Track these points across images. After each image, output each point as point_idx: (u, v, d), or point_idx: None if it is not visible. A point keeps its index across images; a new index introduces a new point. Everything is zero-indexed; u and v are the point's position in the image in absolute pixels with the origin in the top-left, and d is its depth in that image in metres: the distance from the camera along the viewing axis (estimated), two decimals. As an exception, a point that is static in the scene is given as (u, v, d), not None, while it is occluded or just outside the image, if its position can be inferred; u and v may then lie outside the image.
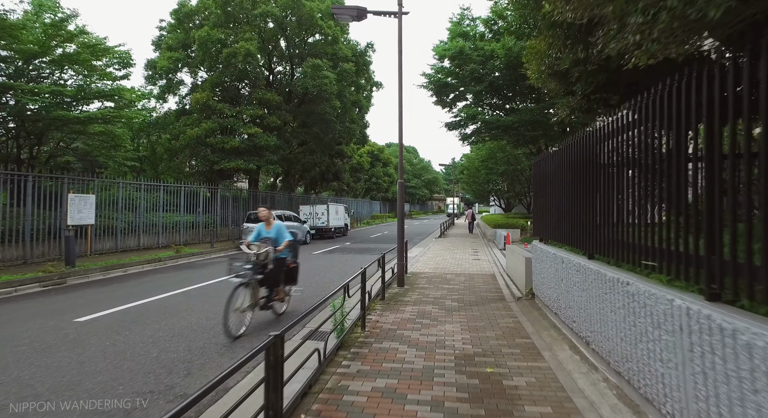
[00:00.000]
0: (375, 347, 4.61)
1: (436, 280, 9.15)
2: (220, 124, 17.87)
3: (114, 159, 14.71)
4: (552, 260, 5.30)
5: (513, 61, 16.75)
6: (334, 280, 9.49)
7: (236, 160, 18.37)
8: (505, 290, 7.97)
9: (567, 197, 5.05)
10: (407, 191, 66.75)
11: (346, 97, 20.90)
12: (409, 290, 7.92)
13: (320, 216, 22.77)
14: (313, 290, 8.35)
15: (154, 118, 20.29)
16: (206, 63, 17.89)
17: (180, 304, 7.05)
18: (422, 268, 11.17)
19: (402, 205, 8.28)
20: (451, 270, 10.70)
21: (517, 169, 28.80)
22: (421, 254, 14.67)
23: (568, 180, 5.04)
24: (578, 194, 4.67)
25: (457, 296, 7.41)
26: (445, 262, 12.40)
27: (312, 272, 10.67)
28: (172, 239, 16.43)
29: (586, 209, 4.43)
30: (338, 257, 14.17)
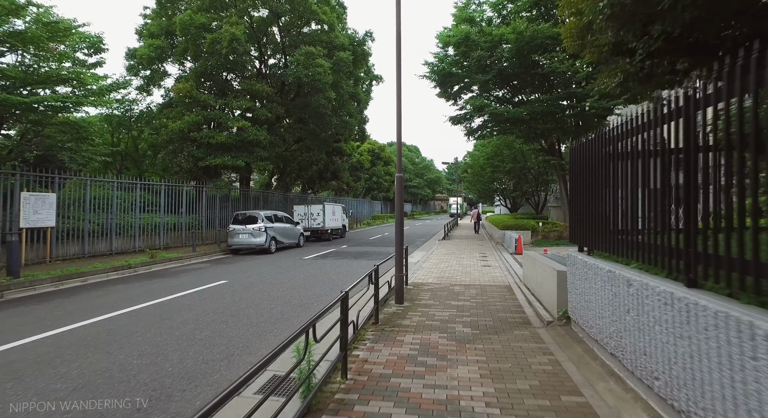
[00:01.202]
0: (357, 412, 3.15)
1: (441, 294, 7.68)
2: (205, 117, 16.45)
3: (82, 154, 13.28)
4: (606, 281, 3.82)
5: (524, 47, 15.28)
6: (320, 294, 8.02)
7: (223, 156, 16.93)
8: (528, 308, 6.49)
9: (639, 193, 3.58)
10: (409, 191, 65.22)
11: (343, 88, 19.43)
12: (410, 309, 6.45)
13: (315, 217, 21.33)
14: (291, 309, 6.89)
15: (137, 112, 18.87)
16: (190, 51, 16.46)
17: (119, 329, 5.60)
18: (425, 277, 9.69)
19: (401, 205, 6.81)
20: (459, 280, 9.22)
21: (524, 167, 27.30)
22: (424, 258, 13.20)
23: (639, 169, 3.56)
24: (665, 188, 3.20)
25: (470, 317, 5.94)
26: (451, 269, 10.92)
27: (297, 283, 9.21)
28: (150, 242, 15.02)
29: (684, 208, 2.95)
30: (331, 263, 12.71)
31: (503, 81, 17.41)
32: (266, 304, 7.12)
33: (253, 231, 15.49)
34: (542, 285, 6.50)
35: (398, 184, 6.81)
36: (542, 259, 6.97)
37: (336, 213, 23.18)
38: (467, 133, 19.40)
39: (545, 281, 6.18)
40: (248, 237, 15.50)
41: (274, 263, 12.95)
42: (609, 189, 4.19)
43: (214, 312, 6.50)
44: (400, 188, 6.81)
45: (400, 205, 6.84)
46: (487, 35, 16.01)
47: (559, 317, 5.36)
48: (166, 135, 16.40)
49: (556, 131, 17.32)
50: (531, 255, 7.96)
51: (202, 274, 10.72)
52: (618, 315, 3.56)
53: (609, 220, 4.18)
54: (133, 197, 14.44)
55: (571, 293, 4.97)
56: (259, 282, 9.32)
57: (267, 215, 16.17)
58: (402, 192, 6.83)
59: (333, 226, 22.49)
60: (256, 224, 15.67)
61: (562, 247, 16.03)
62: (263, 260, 13.85)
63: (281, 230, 16.74)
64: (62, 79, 10.64)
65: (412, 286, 8.52)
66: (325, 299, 7.48)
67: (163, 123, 16.37)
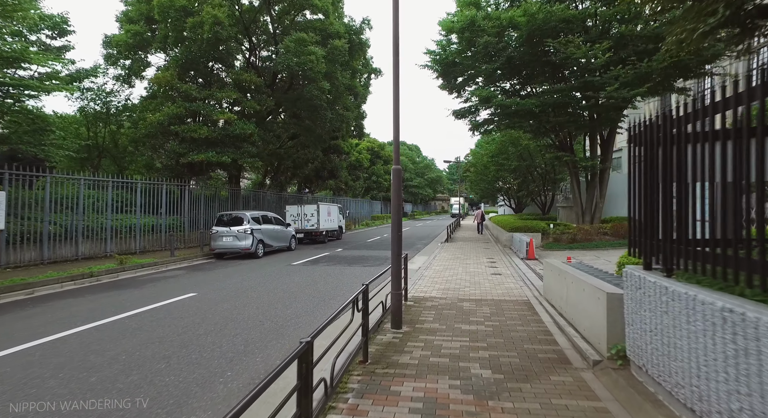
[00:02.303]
0: None
1: (448, 313, 6.30)
2: (187, 109, 15.07)
3: (42, 147, 11.91)
4: (721, 325, 2.43)
5: (535, 31, 13.89)
6: (300, 313, 6.64)
7: (207, 151, 15.57)
8: (560, 336, 5.10)
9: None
10: (409, 191, 63.83)
11: (338, 79, 18.04)
12: (410, 336, 5.07)
13: (309, 218, 19.96)
14: (260, 335, 5.51)
15: (117, 104, 17.48)
16: (171, 37, 15.09)
17: (12, 374, 4.22)
18: (428, 289, 8.31)
19: (398, 204, 5.43)
20: (468, 293, 7.84)
21: (531, 165, 25.88)
22: (426, 264, 11.83)
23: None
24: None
25: (487, 351, 4.56)
26: (458, 278, 9.54)
27: (277, 296, 7.83)
28: (125, 245, 13.67)
29: None
30: (321, 270, 11.33)
31: (511, 71, 16.01)
32: (231, 328, 5.74)
33: (238, 233, 14.13)
34: (578, 307, 5.11)
35: (395, 178, 5.43)
36: (575, 272, 5.59)
37: (332, 213, 21.81)
38: (472, 127, 18.00)
39: (585, 303, 4.79)
40: (232, 240, 14.14)
41: (259, 269, 11.58)
42: (710, 180, 2.80)
43: (161, 341, 5.12)
44: (398, 184, 5.43)
45: (398, 204, 5.46)
46: (494, 20, 14.61)
47: (612, 357, 3.97)
48: (145, 128, 15.04)
49: (569, 125, 15.93)
50: (555, 265, 6.57)
51: (172, 284, 9.35)
52: (753, 386, 2.17)
53: (714, 225, 2.79)
54: (104, 196, 13.07)
55: (632, 326, 3.58)
56: (233, 295, 7.95)
57: (254, 216, 14.79)
58: (400, 188, 5.45)
59: (328, 227, 21.12)
60: (242, 225, 14.31)
61: (577, 251, 14.66)
62: (247, 265, 12.48)
63: (270, 232, 15.37)
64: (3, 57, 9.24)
65: (413, 301, 7.14)
66: (305, 321, 6.11)
67: (141, 115, 15.00)
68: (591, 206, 16.82)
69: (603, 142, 16.75)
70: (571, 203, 21.58)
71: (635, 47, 13.21)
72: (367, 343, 4.22)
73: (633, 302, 3.56)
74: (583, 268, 6.68)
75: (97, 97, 15.87)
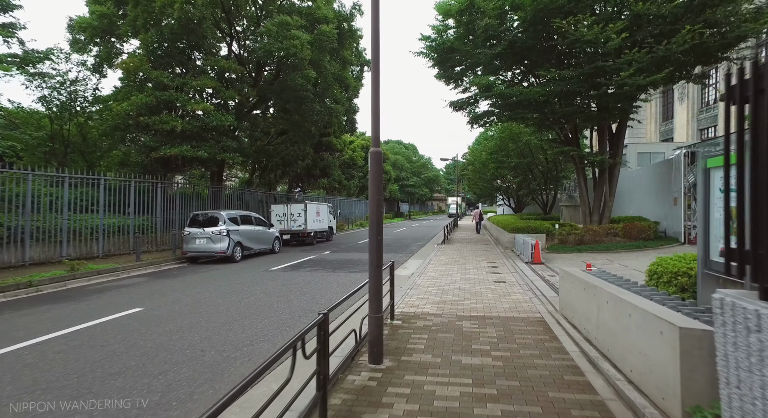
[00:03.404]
0: None
1: (445, 337, 4.96)
2: (158, 98, 13.67)
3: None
4: None
5: (541, 12, 12.59)
6: (257, 338, 5.28)
7: (180, 145, 14.19)
8: (596, 378, 3.77)
9: None
10: (405, 190, 62.50)
11: (326, 68, 16.67)
12: (392, 377, 3.74)
13: (296, 218, 18.58)
14: (191, 375, 4.14)
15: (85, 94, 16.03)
16: (140, 18, 13.67)
17: None
18: (420, 301, 6.98)
19: (377, 195, 4.09)
20: (469, 307, 6.51)
21: (532, 162, 24.61)
22: (420, 270, 10.49)
23: None
24: None
25: (499, 402, 3.23)
26: (455, 287, 8.21)
27: (238, 313, 6.46)
28: (85, 249, 12.27)
29: None
30: (300, 278, 9.97)
31: (514, 58, 14.69)
32: (160, 361, 4.38)
33: (213, 235, 12.75)
34: (619, 337, 3.77)
35: (374, 164, 4.09)
36: (609, 287, 4.26)
37: (321, 213, 20.43)
38: (471, 120, 16.67)
39: (633, 336, 3.45)
40: (206, 243, 12.76)
41: (231, 276, 10.21)
42: None
43: (48, 387, 3.75)
44: (377, 171, 4.09)
45: (377, 198, 4.11)
46: (495, 0, 13.29)
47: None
48: (111, 119, 13.63)
49: (577, 117, 14.64)
50: (577, 276, 5.25)
51: (122, 295, 7.96)
52: None
53: None
54: (60, 194, 11.67)
55: (740, 388, 2.25)
56: (186, 311, 6.58)
57: (230, 216, 13.41)
58: (380, 177, 4.10)
59: (317, 228, 19.74)
60: (217, 226, 12.93)
61: (586, 254, 13.37)
62: (220, 271, 11.12)
63: (249, 233, 13.99)
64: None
65: (401, 318, 5.80)
66: (259, 350, 4.76)
67: (107, 105, 13.59)
68: (599, 205, 15.53)
69: (612, 136, 15.47)
70: (575, 202, 20.32)
71: (652, 29, 11.92)
72: (325, 399, 2.87)
73: (742, 352, 2.22)
74: (608, 278, 5.37)
75: (61, 85, 14.44)
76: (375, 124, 4.23)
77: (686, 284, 5.12)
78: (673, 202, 14.70)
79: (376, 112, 4.18)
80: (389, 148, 61.07)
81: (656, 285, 5.57)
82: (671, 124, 41.38)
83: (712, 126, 35.94)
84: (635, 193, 18.99)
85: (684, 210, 13.61)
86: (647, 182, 17.76)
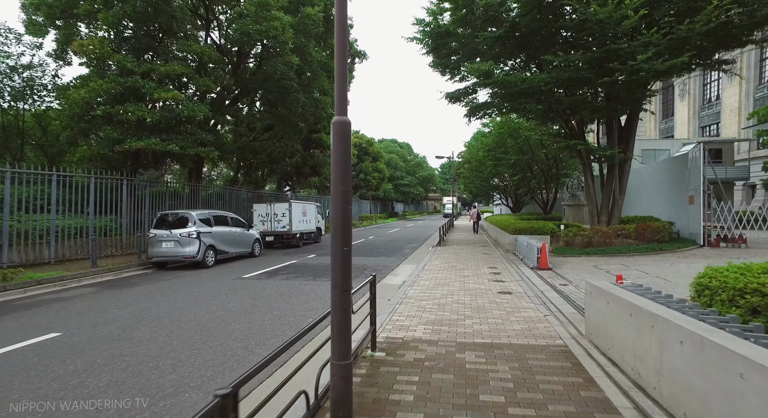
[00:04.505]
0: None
1: (441, 380, 3.65)
2: (120, 85, 12.25)
3: None
4: None
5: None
6: (184, 385, 3.92)
7: (148, 138, 12.78)
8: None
9: None
10: (400, 190, 61.21)
11: (311, 55, 15.30)
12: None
13: (280, 218, 17.20)
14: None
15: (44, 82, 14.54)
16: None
17: None
18: (411, 320, 5.66)
19: (342, 183, 2.77)
20: (471, 329, 5.20)
21: (531, 159, 23.40)
22: (413, 278, 9.17)
23: None
24: None
25: None
26: (454, 299, 6.91)
27: (176, 343, 5.10)
28: (34, 253, 10.85)
29: None
30: (273, 288, 8.62)
31: (516, 43, 13.42)
32: (30, 427, 3.04)
33: (181, 238, 11.37)
34: (714, 404, 2.46)
35: (339, 137, 2.78)
36: (690, 324, 2.96)
37: (308, 213, 19.05)
38: (469, 112, 15.36)
39: (754, 407, 2.14)
40: (174, 246, 11.38)
41: (194, 285, 8.84)
42: None
43: None
44: (343, 149, 2.77)
45: (342, 190, 2.79)
46: (496, -22, 12.02)
47: None
48: (69, 108, 12.19)
49: (585, 107, 13.40)
50: (616, 295, 3.97)
51: (50, 313, 6.57)
52: None
53: None
54: (1, 191, 10.23)
55: None
56: (112, 337, 5.22)
57: (202, 217, 12.02)
58: (346, 157, 2.79)
59: (303, 229, 18.37)
60: (186, 228, 11.55)
61: (595, 257, 12.14)
62: (185, 279, 9.74)
63: (224, 235, 12.61)
64: None
65: (385, 348, 4.48)
66: (181, 404, 3.40)
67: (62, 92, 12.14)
68: (608, 204, 14.31)
69: (621, 129, 14.25)
70: (579, 201, 19.12)
71: (672, 5, 10.70)
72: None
73: None
74: (644, 293, 4.10)
75: (12, 70, 12.97)
76: (341, 88, 2.90)
77: (760, 304, 3.86)
78: (689, 201, 13.50)
79: (342, 73, 2.86)
80: (383, 146, 59.74)
81: (709, 304, 4.30)
82: (671, 122, 40.43)
83: (714, 123, 35.00)
84: (643, 191, 17.82)
85: (703, 209, 12.38)
86: (656, 180, 16.58)
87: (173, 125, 14.03)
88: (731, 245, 12.34)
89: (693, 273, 8.97)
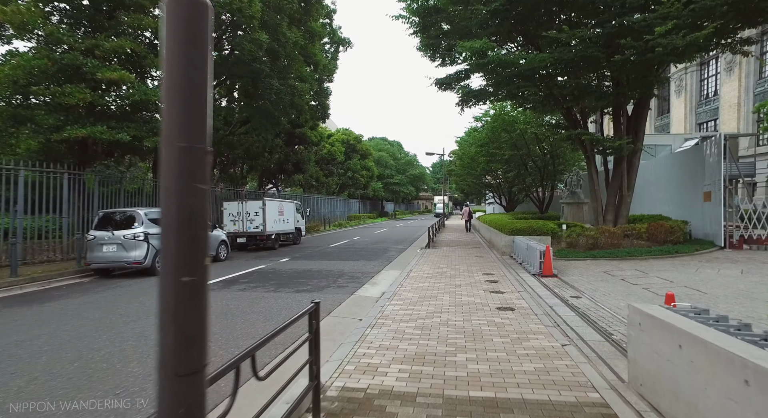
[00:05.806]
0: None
1: None
2: (56, 62, 10.50)
3: None
4: None
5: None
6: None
7: (93, 125, 11.05)
8: None
9: None
10: (390, 189, 59.68)
11: (285, 35, 13.63)
12: None
13: (253, 217, 15.54)
14: None
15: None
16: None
17: None
18: (382, 356, 4.10)
19: (182, 131, 1.15)
20: (465, 374, 3.66)
21: (526, 155, 22.02)
22: (394, 288, 7.61)
23: None
24: None
25: None
26: (442, 320, 5.37)
27: (35, 394, 3.47)
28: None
29: None
30: (218, 305, 6.99)
31: (514, 20, 11.95)
32: None
33: (125, 240, 9.68)
34: None
35: (173, 20, 1.16)
36: None
37: (285, 212, 17.40)
38: (461, 99, 13.82)
39: None
40: (117, 250, 9.69)
41: (125, 300, 7.18)
42: None
43: None
44: (186, 35, 1.15)
45: (184, 151, 1.18)
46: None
47: None
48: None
49: (590, 94, 11.98)
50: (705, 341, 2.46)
51: None
52: None
53: None
54: None
55: None
56: (-54, 388, 3.58)
57: (151, 216, 10.32)
58: (194, 54, 1.17)
59: (280, 229, 16.72)
60: (132, 229, 9.86)
61: (603, 260, 10.71)
62: (122, 290, 8.07)
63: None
64: None
65: (335, 407, 2.91)
66: None
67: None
68: (614, 201, 12.92)
69: (629, 118, 12.87)
70: (579, 199, 17.75)
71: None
72: None
73: None
74: (740, 332, 2.62)
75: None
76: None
77: None
78: (704, 198, 12.14)
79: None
80: (373, 144, 58.15)
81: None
82: (667, 119, 39.46)
83: (712, 120, 34.04)
84: (649, 188, 16.50)
85: (723, 207, 11.01)
86: (665, 175, 15.26)
87: (128, 113, 12.33)
88: (756, 246, 11.02)
89: (727, 282, 7.44)
